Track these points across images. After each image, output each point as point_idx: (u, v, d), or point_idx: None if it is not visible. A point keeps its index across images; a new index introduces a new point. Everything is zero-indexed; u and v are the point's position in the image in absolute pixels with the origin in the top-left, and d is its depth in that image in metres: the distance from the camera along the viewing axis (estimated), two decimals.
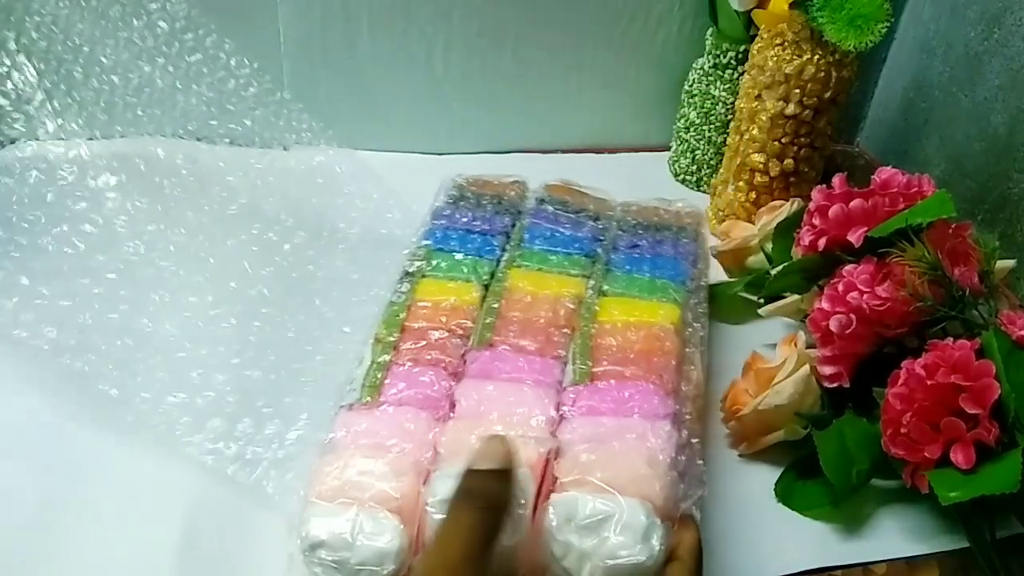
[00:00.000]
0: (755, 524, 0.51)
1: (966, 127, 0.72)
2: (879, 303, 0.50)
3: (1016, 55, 0.66)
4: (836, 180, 0.56)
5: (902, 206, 0.54)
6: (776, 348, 0.58)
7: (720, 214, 0.75)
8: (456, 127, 0.82)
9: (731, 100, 0.76)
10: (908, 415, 0.46)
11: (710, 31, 0.77)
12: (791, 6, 0.64)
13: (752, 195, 0.72)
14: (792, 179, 0.71)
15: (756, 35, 0.70)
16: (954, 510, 0.46)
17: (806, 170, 0.71)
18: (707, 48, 0.78)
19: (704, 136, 0.80)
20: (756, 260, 0.66)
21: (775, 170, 0.70)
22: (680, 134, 0.82)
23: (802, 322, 0.59)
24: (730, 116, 0.76)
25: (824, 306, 0.53)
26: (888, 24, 0.61)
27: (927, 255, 0.49)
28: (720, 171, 0.77)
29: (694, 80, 0.79)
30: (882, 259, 0.52)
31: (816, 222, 0.56)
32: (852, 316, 0.51)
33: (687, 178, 0.83)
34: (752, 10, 0.68)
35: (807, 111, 0.67)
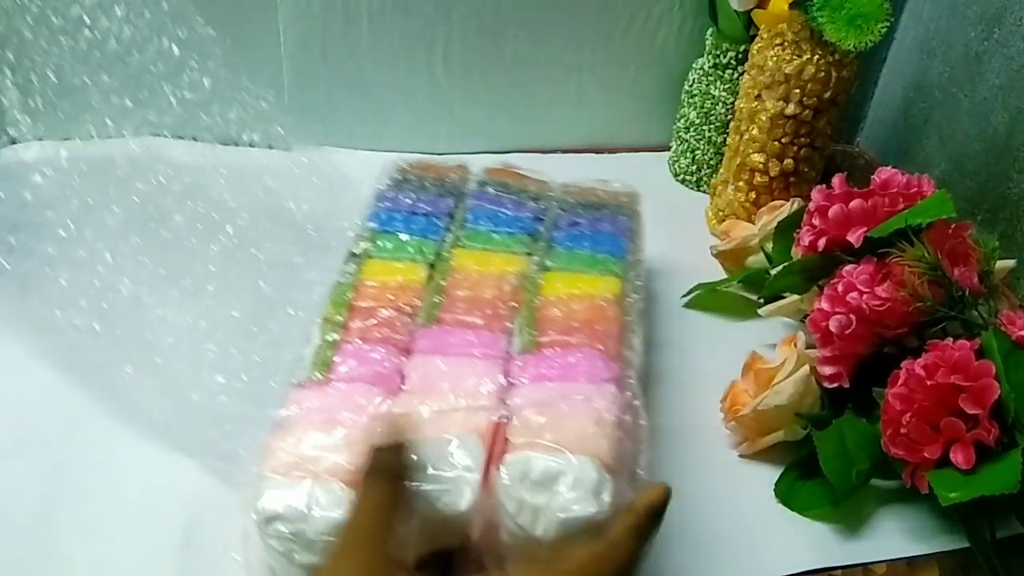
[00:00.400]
0: (755, 524, 0.51)
1: (966, 127, 0.72)
2: (879, 303, 0.50)
3: (1016, 55, 0.66)
4: (836, 180, 0.56)
5: (902, 206, 0.54)
6: (776, 348, 0.58)
7: (720, 214, 0.75)
8: (456, 127, 0.82)
9: (731, 100, 0.76)
10: (908, 415, 0.47)
11: (710, 31, 0.77)
12: (791, 6, 0.64)
13: (752, 195, 0.72)
14: (792, 179, 0.71)
15: (756, 35, 0.70)
16: (954, 510, 0.46)
17: (806, 170, 0.71)
18: (707, 48, 0.78)
19: (704, 136, 0.80)
20: (756, 260, 0.66)
21: (775, 170, 0.70)
22: (680, 134, 0.82)
23: (802, 322, 0.59)
24: (730, 116, 0.76)
25: (824, 306, 0.53)
26: (888, 24, 0.61)
27: (927, 255, 0.49)
28: (720, 171, 0.77)
29: (694, 80, 0.79)
30: (882, 259, 0.52)
31: (816, 222, 0.56)
32: (852, 316, 0.51)
33: (687, 178, 0.83)
34: (752, 10, 0.68)
35: (807, 111, 0.67)
